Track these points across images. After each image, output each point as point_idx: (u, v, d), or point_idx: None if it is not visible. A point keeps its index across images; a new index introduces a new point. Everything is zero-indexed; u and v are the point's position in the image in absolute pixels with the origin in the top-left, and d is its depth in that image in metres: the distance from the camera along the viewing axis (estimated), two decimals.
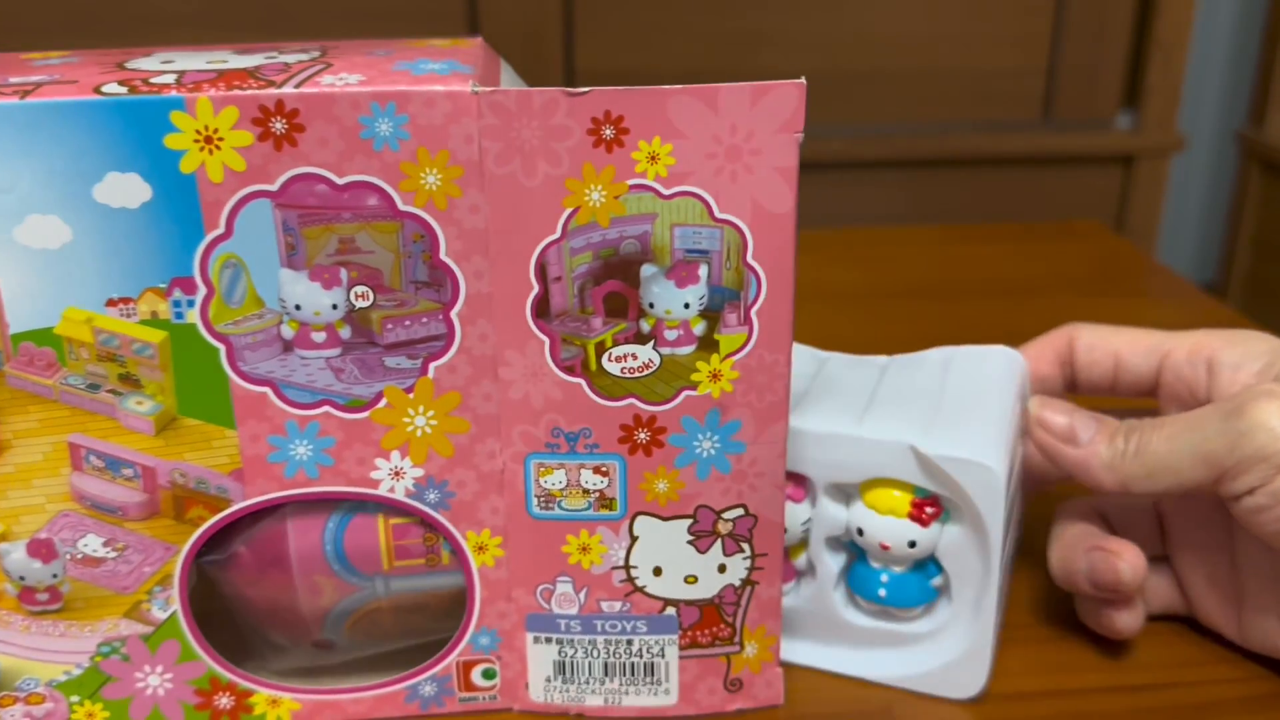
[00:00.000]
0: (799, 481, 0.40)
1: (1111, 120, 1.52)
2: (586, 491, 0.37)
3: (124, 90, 0.32)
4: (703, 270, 0.35)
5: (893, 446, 0.38)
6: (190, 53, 0.37)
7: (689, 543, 0.37)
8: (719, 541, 0.38)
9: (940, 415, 0.39)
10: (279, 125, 0.32)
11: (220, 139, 0.32)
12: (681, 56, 1.36)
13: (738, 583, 0.38)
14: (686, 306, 0.35)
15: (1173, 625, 0.44)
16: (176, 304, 0.34)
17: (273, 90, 0.32)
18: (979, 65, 1.45)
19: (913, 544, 0.39)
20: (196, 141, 0.32)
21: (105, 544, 0.36)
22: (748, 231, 0.34)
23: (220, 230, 0.33)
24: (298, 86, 0.32)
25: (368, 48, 0.37)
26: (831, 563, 0.40)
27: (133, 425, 0.35)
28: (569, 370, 0.35)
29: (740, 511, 0.37)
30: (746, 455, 0.36)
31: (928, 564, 0.40)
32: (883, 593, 0.40)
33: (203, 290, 0.34)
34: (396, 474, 0.36)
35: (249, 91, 0.32)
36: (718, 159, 0.33)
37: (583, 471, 0.37)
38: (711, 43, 1.37)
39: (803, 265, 0.72)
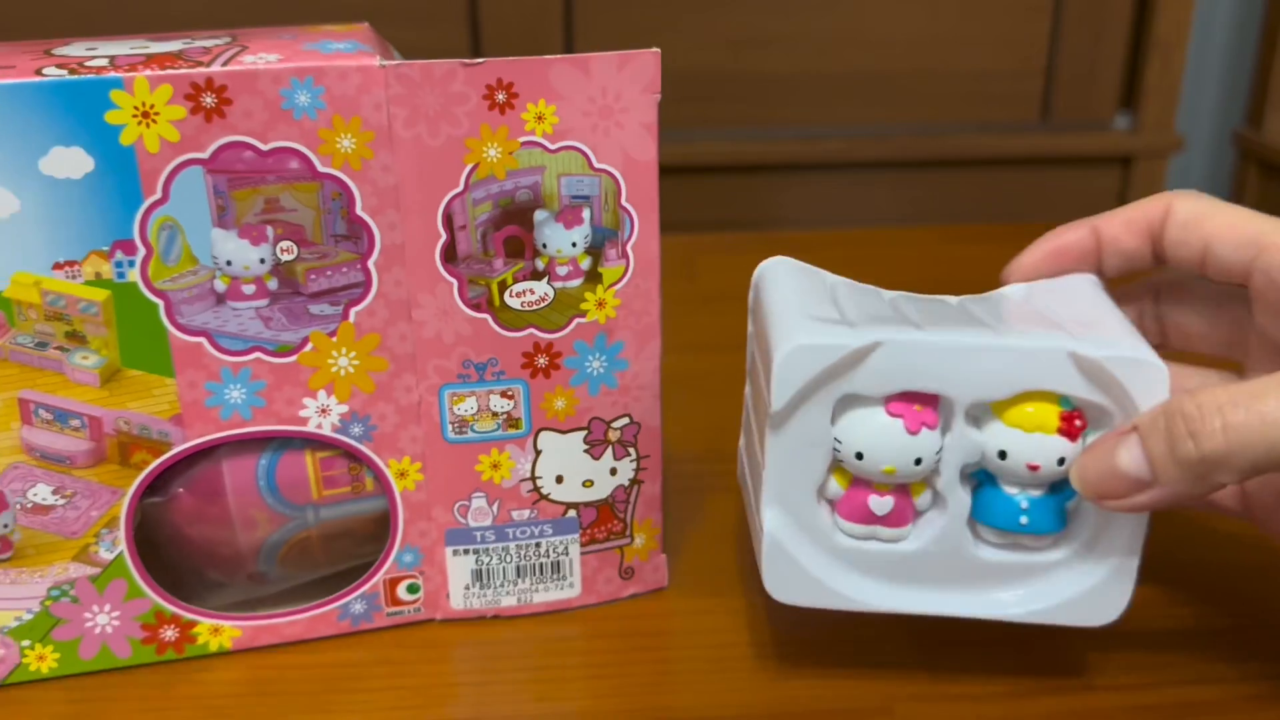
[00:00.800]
0: (931, 405, 0.37)
1: (1109, 121, 1.50)
2: (495, 414, 0.42)
3: (64, 73, 0.36)
4: (586, 213, 0.40)
5: (1050, 353, 0.35)
6: (110, 41, 0.40)
7: (585, 451, 0.43)
8: (610, 448, 0.43)
9: (1069, 325, 0.37)
10: (209, 99, 0.36)
11: (156, 113, 0.36)
12: (680, 57, 1.34)
13: (626, 483, 0.44)
14: (574, 245, 0.41)
15: (1171, 624, 0.44)
16: (118, 265, 0.38)
17: (202, 69, 0.36)
18: (977, 67, 1.44)
19: (1062, 461, 0.36)
20: (134, 116, 0.36)
21: (54, 492, 0.40)
22: (621, 178, 0.40)
23: (157, 196, 0.37)
24: (224, 65, 0.37)
25: (273, 33, 0.41)
26: (964, 495, 0.38)
27: (79, 379, 0.39)
28: (475, 307, 0.40)
29: (626, 420, 0.43)
30: (629, 371, 0.42)
31: (1063, 485, 0.37)
32: (1024, 520, 0.37)
33: (142, 251, 0.38)
34: (323, 411, 0.41)
35: (181, 71, 0.36)
36: (593, 117, 0.39)
37: (491, 397, 0.42)
38: (710, 44, 1.36)
39: None
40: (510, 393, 0.42)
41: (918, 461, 0.36)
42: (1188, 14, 1.45)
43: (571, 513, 0.44)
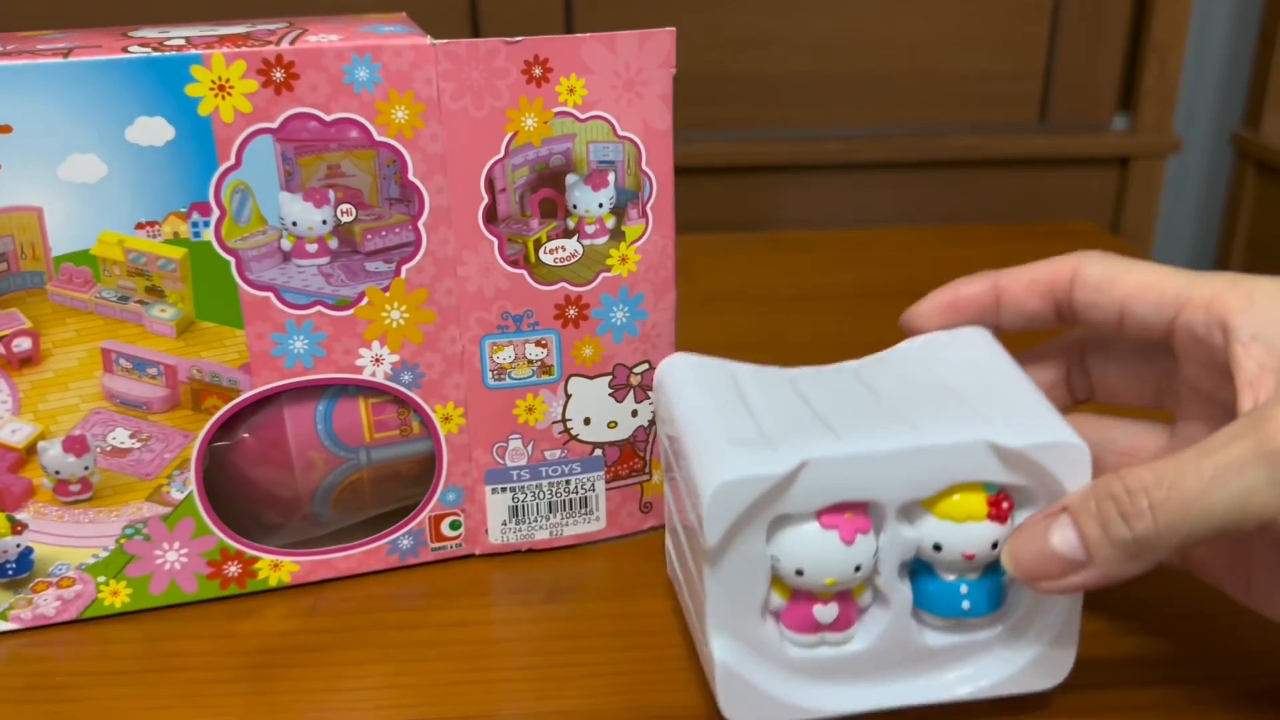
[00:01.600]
0: (862, 511, 0.36)
1: (1107, 122, 1.51)
2: (530, 362, 0.46)
3: (148, 50, 0.40)
4: (611, 177, 0.45)
5: (969, 448, 0.36)
6: (179, 26, 0.44)
7: (610, 395, 0.47)
8: (631, 392, 0.48)
9: (983, 405, 0.37)
10: (279, 74, 0.40)
11: (231, 87, 0.40)
12: (681, 58, 1.38)
13: (645, 424, 0.48)
14: (600, 206, 0.45)
15: (1169, 623, 0.44)
16: (195, 225, 0.41)
17: (273, 47, 0.40)
18: (975, 68, 1.45)
19: (995, 544, 0.36)
20: (212, 89, 0.40)
21: (131, 436, 0.43)
22: (641, 145, 0.45)
23: (231, 162, 0.41)
24: (291, 44, 0.41)
25: (328, 19, 0.45)
26: (905, 590, 0.38)
27: (157, 330, 0.42)
28: (513, 264, 0.45)
29: (646, 366, 0.48)
30: (649, 320, 0.47)
31: (998, 563, 0.37)
32: (966, 605, 0.38)
33: (216, 212, 0.41)
34: (377, 360, 0.45)
35: (254, 48, 0.40)
36: (617, 89, 0.44)
37: (527, 346, 0.46)
38: (709, 44, 1.37)
39: (801, 267, 0.78)
40: (544, 342, 0.46)
41: (857, 568, 0.36)
42: (1185, 16, 1.46)
43: (598, 452, 0.48)
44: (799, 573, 0.36)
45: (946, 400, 0.38)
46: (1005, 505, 0.36)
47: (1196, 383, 0.39)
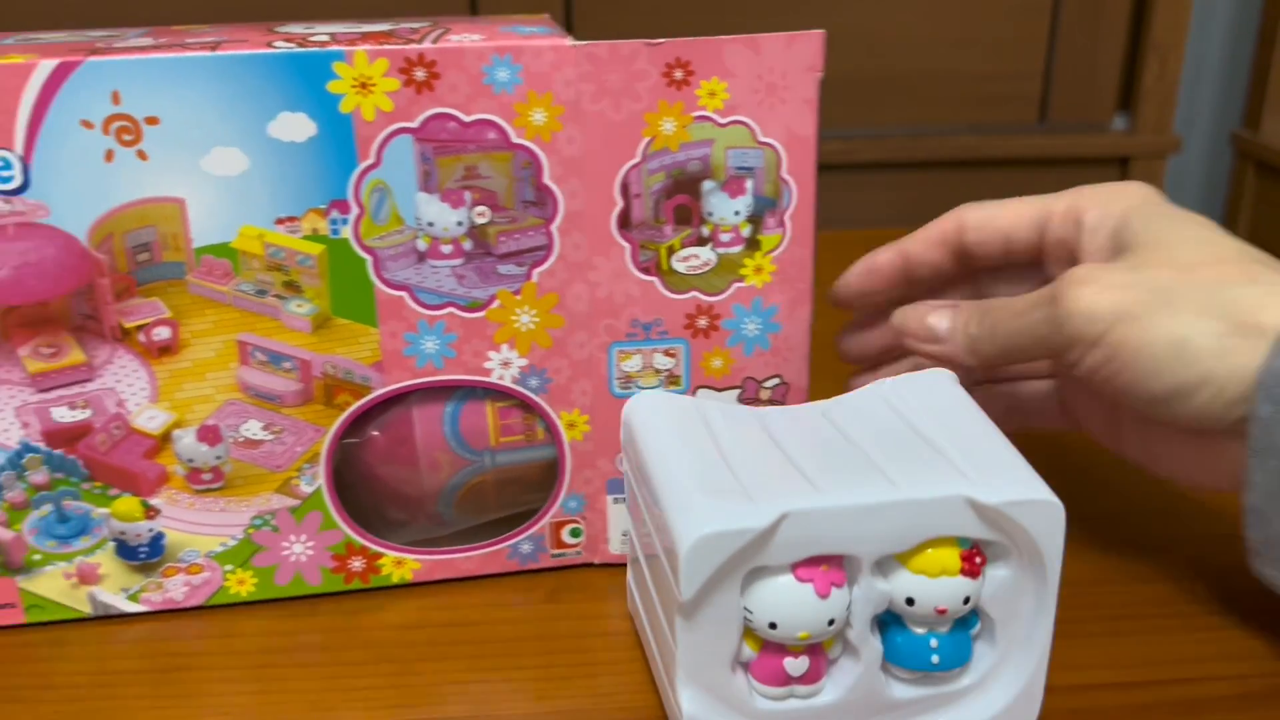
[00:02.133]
0: (838, 564, 0.36)
1: (1107, 123, 1.52)
2: (658, 371, 0.45)
3: (292, 45, 0.40)
4: (749, 184, 0.44)
5: (945, 503, 0.35)
6: (323, 23, 0.44)
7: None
8: (762, 406, 0.46)
9: (957, 457, 0.37)
10: (420, 73, 0.40)
11: (373, 85, 0.40)
12: None
13: None
14: (736, 214, 0.44)
15: (1168, 622, 0.45)
16: (333, 222, 0.42)
17: (415, 45, 0.40)
18: (975, 69, 1.46)
19: (967, 599, 0.36)
20: (354, 87, 0.40)
21: (264, 428, 0.44)
22: (782, 151, 0.44)
23: (371, 160, 0.41)
24: (433, 43, 0.40)
25: (469, 20, 0.45)
26: (876, 643, 0.37)
27: (293, 325, 0.43)
28: (645, 270, 0.44)
29: (777, 380, 0.46)
30: (781, 333, 0.46)
31: (968, 616, 0.38)
32: (936, 659, 0.37)
33: (355, 210, 0.41)
34: (505, 364, 0.44)
35: (396, 46, 0.40)
36: (760, 93, 0.43)
37: (655, 355, 0.45)
38: None
39: None
40: (673, 351, 0.45)
41: (831, 622, 0.35)
42: (1185, 16, 1.46)
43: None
44: (773, 626, 0.35)
45: (920, 450, 0.38)
46: (979, 560, 0.36)
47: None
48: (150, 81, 0.39)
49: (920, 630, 0.37)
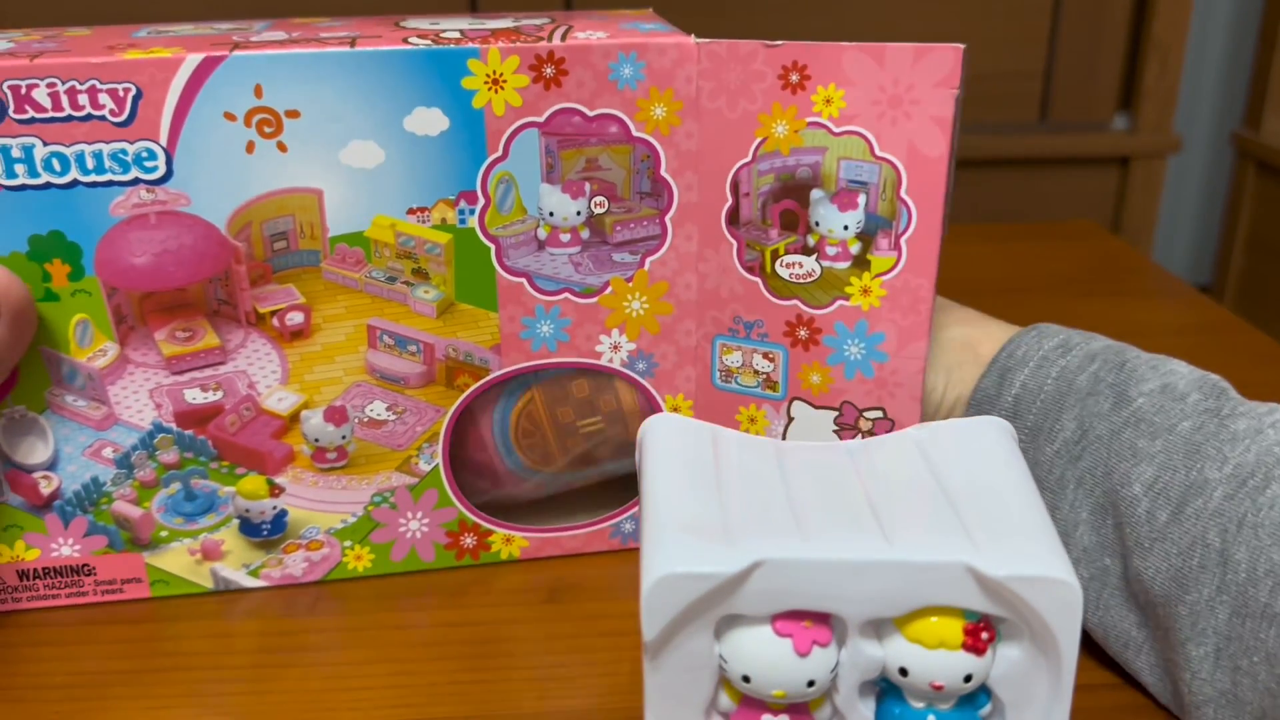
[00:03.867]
0: (823, 620, 0.33)
1: (1108, 122, 1.52)
2: (757, 372, 0.47)
3: (427, 42, 0.41)
4: (861, 199, 0.43)
5: (945, 569, 0.32)
6: (446, 18, 0.46)
7: (834, 431, 0.46)
8: (859, 435, 0.46)
9: (975, 519, 0.34)
10: (549, 70, 0.42)
11: (504, 81, 0.42)
12: None
13: None
14: (845, 228, 0.44)
15: None
16: (461, 212, 0.43)
17: (545, 43, 0.42)
18: (976, 68, 1.44)
19: (969, 678, 0.33)
20: (486, 83, 0.42)
21: (388, 409, 0.45)
22: (903, 169, 0.42)
23: (499, 153, 0.43)
24: (561, 40, 0.42)
25: (585, 16, 0.47)
26: (866, 711, 0.34)
27: (420, 310, 0.44)
28: (750, 270, 0.46)
29: (879, 414, 0.46)
30: (888, 365, 0.45)
31: (976, 694, 0.34)
32: None
33: (482, 201, 0.43)
34: (615, 348, 0.46)
35: (528, 44, 0.42)
36: (881, 105, 0.42)
37: (755, 355, 0.47)
38: None
39: None
40: (771, 355, 0.46)
41: (810, 684, 0.33)
42: (1186, 16, 1.46)
43: None
44: (746, 679, 0.33)
45: (933, 507, 0.34)
46: (985, 636, 0.32)
47: None
48: (292, 76, 0.40)
49: (919, 704, 0.34)
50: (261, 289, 0.43)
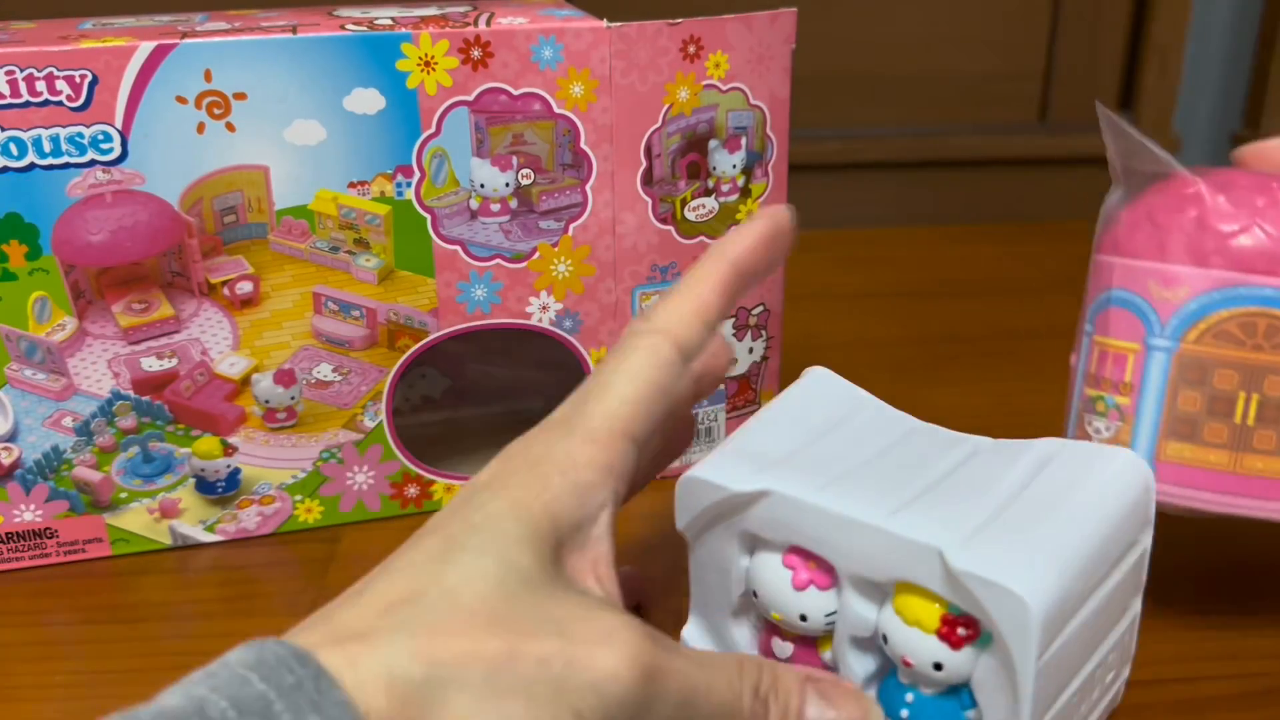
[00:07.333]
0: (827, 567, 0.35)
1: None
2: None
3: (363, 28, 0.45)
4: (744, 141, 0.51)
5: (920, 549, 0.32)
6: (373, 7, 0.49)
7: (732, 334, 0.54)
8: (749, 331, 0.54)
9: (1000, 521, 0.33)
10: (477, 53, 0.46)
11: (436, 63, 0.46)
12: None
13: (759, 359, 0.55)
14: (734, 167, 0.51)
15: (1166, 621, 0.44)
16: (399, 185, 0.47)
17: (472, 28, 0.46)
18: (975, 69, 1.45)
19: (939, 666, 0.33)
20: (419, 65, 0.45)
21: (334, 370, 0.49)
22: (768, 112, 0.51)
23: (432, 130, 0.46)
24: (486, 25, 0.46)
25: (503, 3, 0.51)
26: (857, 665, 0.35)
27: (362, 277, 0.48)
28: (663, 221, 0.50)
29: (761, 308, 0.54)
30: None
31: (963, 691, 0.34)
32: (905, 714, 0.34)
33: (417, 175, 0.47)
34: (544, 308, 0.50)
35: (456, 29, 0.45)
36: (751, 63, 0.49)
37: None
38: None
39: (801, 266, 0.79)
40: None
41: (803, 618, 0.35)
42: (1185, 16, 1.46)
43: (721, 387, 0.54)
44: (754, 594, 0.37)
45: (977, 504, 0.34)
46: (961, 631, 0.32)
47: None
48: (239, 61, 0.44)
49: (905, 680, 0.35)
50: (213, 261, 0.46)
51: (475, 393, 0.61)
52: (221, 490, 0.49)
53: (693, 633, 0.39)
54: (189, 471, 0.49)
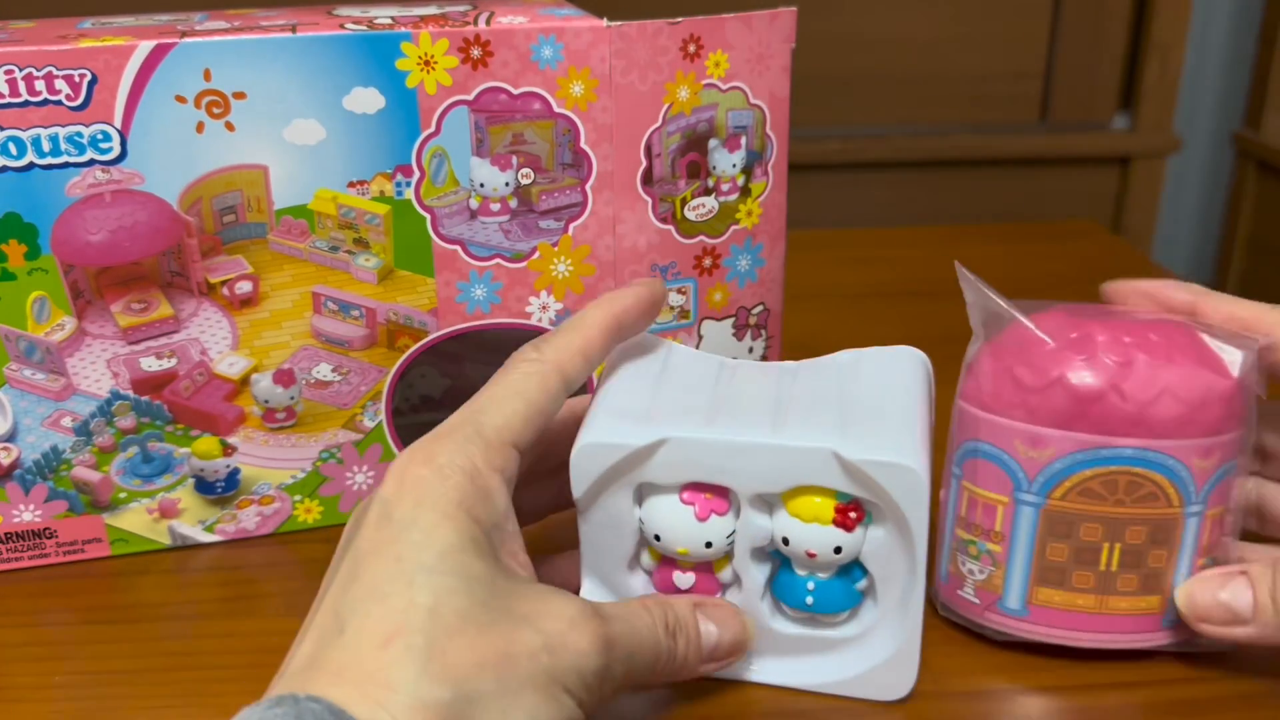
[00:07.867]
0: (722, 494, 0.40)
1: (1108, 122, 1.52)
2: (672, 308, 0.52)
3: (363, 28, 0.45)
4: (743, 140, 0.51)
5: (814, 453, 0.38)
6: (373, 6, 0.49)
7: (732, 334, 0.54)
8: (749, 331, 0.54)
9: (855, 418, 0.39)
10: (476, 52, 0.46)
11: (435, 62, 0.46)
12: None
13: (758, 359, 0.55)
14: (734, 166, 0.51)
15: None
16: (398, 184, 0.47)
17: (472, 27, 0.46)
18: (976, 68, 1.46)
19: (839, 550, 0.39)
20: (419, 64, 0.45)
21: (333, 370, 0.49)
22: (767, 111, 0.51)
23: (432, 129, 0.46)
24: (486, 24, 0.46)
25: (503, 2, 0.51)
26: (758, 574, 0.41)
27: (361, 277, 0.48)
28: (663, 220, 0.50)
29: (761, 307, 0.54)
30: (766, 267, 0.53)
31: (853, 568, 0.40)
32: (810, 600, 0.40)
33: (417, 174, 0.47)
34: (544, 308, 0.50)
35: (456, 28, 0.45)
36: (751, 62, 0.50)
37: (670, 294, 0.52)
38: None
39: (802, 266, 0.79)
40: (684, 289, 0.52)
41: (708, 545, 0.40)
42: (1186, 15, 1.47)
43: None
44: (657, 538, 0.40)
45: (825, 408, 0.40)
46: (853, 515, 0.39)
47: None
48: (239, 60, 0.44)
49: (802, 572, 0.40)
50: (212, 260, 0.46)
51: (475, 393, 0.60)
52: (221, 490, 0.49)
53: (590, 590, 0.42)
54: (188, 471, 0.49)
